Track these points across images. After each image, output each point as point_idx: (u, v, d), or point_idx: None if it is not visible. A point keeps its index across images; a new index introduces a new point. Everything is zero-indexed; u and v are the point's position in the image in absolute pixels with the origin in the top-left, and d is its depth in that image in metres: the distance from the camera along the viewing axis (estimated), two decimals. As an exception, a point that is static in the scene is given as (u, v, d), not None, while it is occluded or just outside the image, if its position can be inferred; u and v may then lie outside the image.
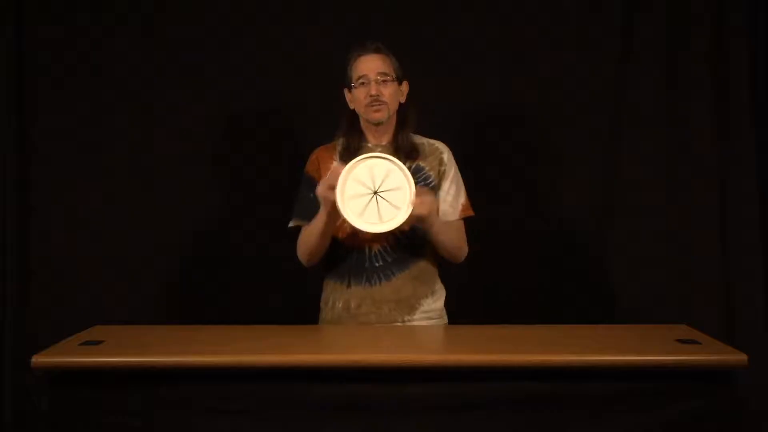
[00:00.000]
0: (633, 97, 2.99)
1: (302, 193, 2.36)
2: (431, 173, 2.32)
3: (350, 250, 2.29)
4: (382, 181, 2.15)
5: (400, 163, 2.16)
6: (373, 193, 2.15)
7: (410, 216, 2.14)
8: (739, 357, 1.86)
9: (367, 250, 2.28)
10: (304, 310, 2.47)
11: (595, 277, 3.01)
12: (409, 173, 2.15)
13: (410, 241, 2.29)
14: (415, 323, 2.32)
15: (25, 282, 2.96)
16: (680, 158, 2.98)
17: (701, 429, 1.84)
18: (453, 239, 2.32)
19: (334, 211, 2.16)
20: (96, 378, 1.85)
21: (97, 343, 1.96)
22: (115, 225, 2.97)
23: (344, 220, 2.16)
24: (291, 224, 2.36)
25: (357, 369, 1.85)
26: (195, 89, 2.98)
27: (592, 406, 1.85)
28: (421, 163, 2.32)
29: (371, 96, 2.25)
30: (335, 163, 2.27)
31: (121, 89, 2.97)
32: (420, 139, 2.37)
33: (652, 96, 2.98)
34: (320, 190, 2.15)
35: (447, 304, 2.41)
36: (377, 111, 2.27)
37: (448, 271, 2.42)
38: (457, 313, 2.42)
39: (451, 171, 2.36)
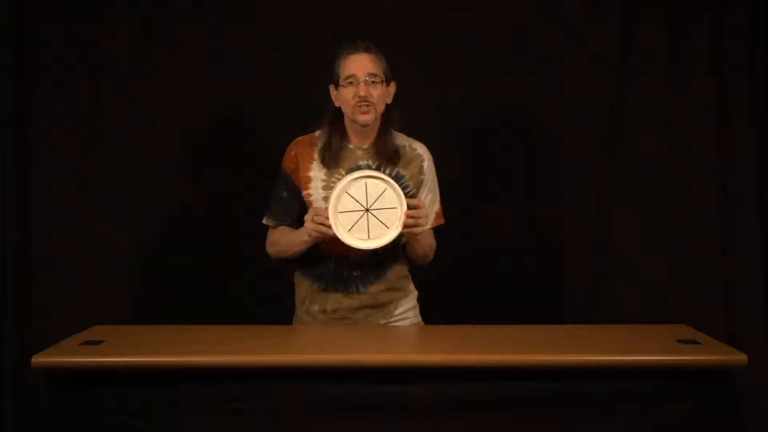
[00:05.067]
0: (633, 97, 2.99)
1: (277, 192, 2.35)
2: (410, 182, 2.31)
3: (328, 257, 2.28)
4: (376, 200, 2.17)
5: (395, 184, 2.17)
6: (365, 210, 2.16)
7: (402, 232, 2.16)
8: (739, 357, 1.86)
9: (345, 260, 2.27)
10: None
11: (595, 277, 3.01)
12: (402, 194, 2.16)
13: (386, 249, 2.26)
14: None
15: (25, 282, 2.96)
16: (680, 158, 2.98)
17: (701, 429, 1.85)
18: (425, 247, 2.32)
19: (317, 240, 2.19)
20: (96, 378, 1.85)
21: (97, 343, 1.97)
22: (116, 225, 2.97)
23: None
24: (264, 221, 2.36)
25: (357, 369, 1.85)
26: (195, 89, 2.98)
27: (593, 406, 1.86)
28: (402, 171, 2.30)
29: (360, 96, 2.21)
30: (312, 173, 2.27)
31: (121, 89, 2.97)
32: (402, 141, 2.34)
33: (652, 96, 2.98)
34: (308, 225, 2.17)
35: (448, 304, 2.41)
36: (365, 113, 2.23)
37: (449, 271, 2.42)
38: (457, 312, 2.42)
39: (429, 179, 2.34)
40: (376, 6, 2.97)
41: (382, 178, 2.17)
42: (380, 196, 2.16)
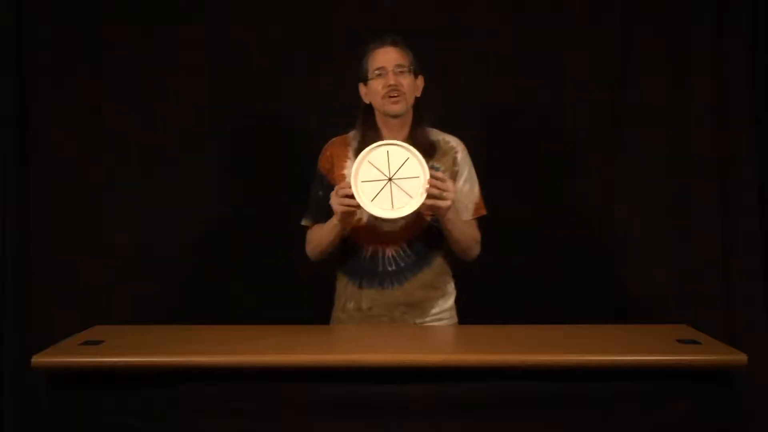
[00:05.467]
0: (633, 97, 2.99)
1: (314, 192, 2.36)
2: (446, 174, 2.29)
3: (364, 252, 2.28)
4: (398, 169, 2.14)
5: (417, 152, 2.15)
6: (387, 179, 2.15)
7: (426, 204, 2.14)
8: (739, 357, 1.86)
9: (380, 254, 2.27)
10: (305, 310, 2.47)
11: (595, 277, 3.00)
12: (425, 163, 2.14)
13: (424, 245, 2.28)
14: (427, 325, 2.33)
15: (25, 282, 2.96)
16: (680, 158, 2.98)
17: (701, 429, 1.85)
18: (467, 237, 2.31)
19: (345, 220, 2.18)
20: (96, 378, 1.85)
21: (97, 343, 1.97)
22: (115, 225, 2.97)
23: (358, 221, 2.16)
24: (303, 223, 2.37)
25: (357, 369, 1.85)
26: (195, 89, 2.98)
27: (593, 406, 1.85)
28: (436, 164, 2.30)
29: (390, 86, 2.23)
30: (347, 171, 2.27)
31: (121, 89, 2.97)
32: (436, 136, 2.35)
33: (652, 96, 2.98)
34: (333, 201, 2.16)
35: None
36: (395, 102, 2.24)
37: (458, 266, 2.41)
38: (458, 313, 2.42)
39: (465, 169, 2.34)
40: (376, 6, 2.96)
41: (404, 147, 2.16)
42: (403, 164, 2.14)
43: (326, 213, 2.27)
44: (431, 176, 2.13)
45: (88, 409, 1.85)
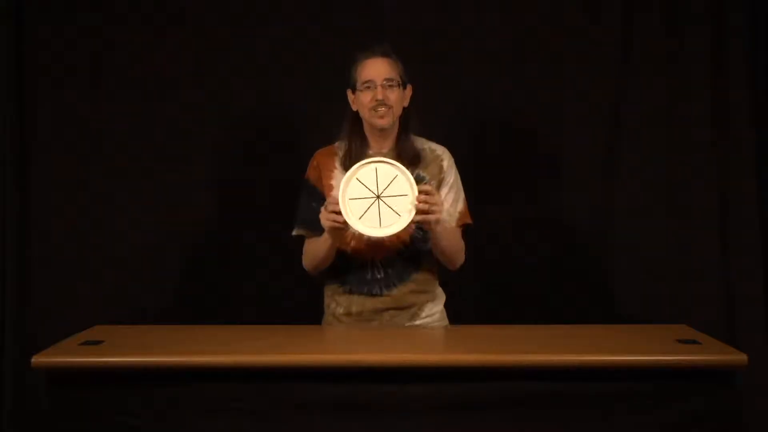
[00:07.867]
0: (633, 97, 2.98)
1: (303, 201, 2.35)
2: (432, 182, 2.30)
3: (352, 261, 2.27)
4: (387, 186, 2.14)
5: (406, 170, 2.14)
6: (375, 197, 2.15)
7: (415, 220, 2.13)
8: (739, 357, 1.86)
9: (368, 262, 2.27)
10: (304, 311, 2.47)
11: (595, 277, 3.00)
12: (413, 181, 2.13)
13: (411, 252, 2.28)
14: (426, 325, 2.33)
15: (25, 282, 2.96)
16: (680, 158, 2.98)
17: (701, 429, 1.85)
18: (452, 245, 2.30)
19: (335, 236, 2.18)
20: (96, 378, 1.86)
21: (97, 343, 1.97)
22: (116, 225, 2.97)
23: (351, 237, 2.17)
24: (294, 233, 2.36)
25: (357, 369, 1.85)
26: (196, 89, 2.97)
27: (592, 407, 1.86)
28: (422, 172, 2.30)
29: (377, 100, 2.23)
30: (334, 181, 2.27)
31: (121, 89, 2.97)
32: (422, 144, 2.35)
33: (652, 97, 2.98)
34: (323, 217, 2.15)
35: (448, 304, 2.41)
36: (382, 117, 2.24)
37: (448, 271, 2.42)
38: (458, 313, 2.42)
39: (450, 178, 2.34)
40: (376, 6, 2.96)
41: (392, 164, 2.15)
42: (391, 182, 2.14)
43: (317, 222, 2.25)
44: (420, 191, 2.12)
45: (88, 409, 1.85)
